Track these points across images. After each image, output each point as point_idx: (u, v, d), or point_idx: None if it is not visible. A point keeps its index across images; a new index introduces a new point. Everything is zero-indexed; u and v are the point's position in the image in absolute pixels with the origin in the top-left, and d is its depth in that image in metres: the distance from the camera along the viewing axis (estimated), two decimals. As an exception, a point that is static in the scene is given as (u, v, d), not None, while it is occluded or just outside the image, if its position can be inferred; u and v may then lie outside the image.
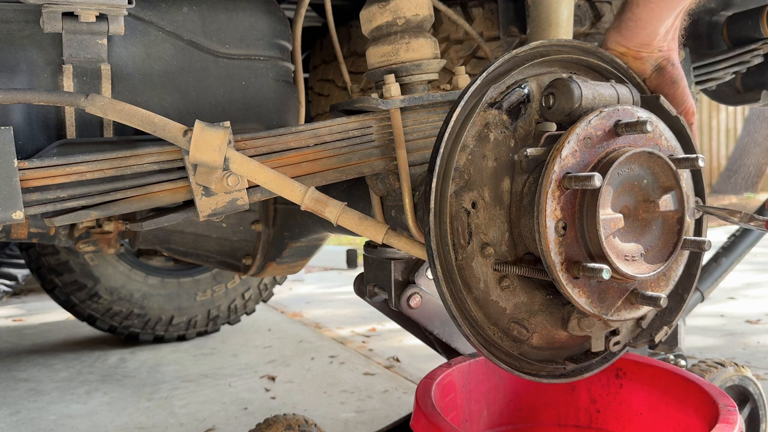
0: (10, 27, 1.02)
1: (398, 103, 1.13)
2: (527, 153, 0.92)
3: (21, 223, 1.79)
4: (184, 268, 3.02)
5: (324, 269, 5.48)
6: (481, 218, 0.95)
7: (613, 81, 1.03)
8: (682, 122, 1.04)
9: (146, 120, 1.00)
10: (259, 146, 1.08)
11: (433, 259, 0.93)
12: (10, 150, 0.92)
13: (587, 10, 1.61)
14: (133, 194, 1.03)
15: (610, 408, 1.38)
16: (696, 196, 1.06)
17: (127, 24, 1.10)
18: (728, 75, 1.83)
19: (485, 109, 0.95)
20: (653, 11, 1.00)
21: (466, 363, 1.35)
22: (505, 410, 1.41)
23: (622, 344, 1.05)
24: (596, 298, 0.92)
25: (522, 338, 0.98)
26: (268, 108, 1.25)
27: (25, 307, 4.05)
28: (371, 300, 1.41)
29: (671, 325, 1.06)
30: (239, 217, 1.92)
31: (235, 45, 1.21)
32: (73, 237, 2.19)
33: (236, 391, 2.48)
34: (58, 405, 2.38)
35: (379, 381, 2.55)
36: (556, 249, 0.88)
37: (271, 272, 1.98)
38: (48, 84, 1.04)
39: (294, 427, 1.55)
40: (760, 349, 2.86)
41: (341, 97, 1.90)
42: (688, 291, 1.09)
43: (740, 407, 1.70)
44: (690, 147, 1.04)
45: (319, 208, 1.06)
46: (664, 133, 0.98)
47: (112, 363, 2.87)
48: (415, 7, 1.16)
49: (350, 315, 3.76)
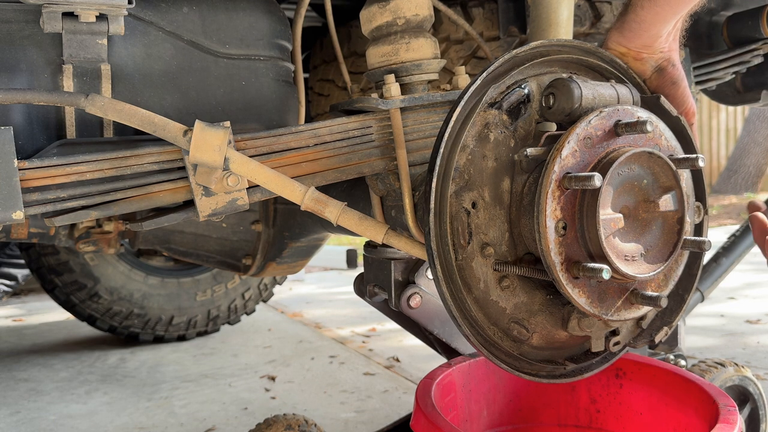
0: (10, 27, 1.02)
1: (398, 103, 1.13)
2: (527, 153, 0.92)
3: (21, 223, 1.79)
4: (184, 268, 3.02)
5: (324, 269, 5.48)
6: (481, 218, 0.95)
7: (613, 81, 1.02)
8: (683, 123, 1.04)
9: (146, 120, 1.00)
10: (259, 146, 1.08)
11: (433, 259, 0.93)
12: (10, 150, 0.92)
13: (587, 10, 1.61)
14: (133, 194, 1.03)
15: (610, 408, 1.38)
16: (697, 198, 1.06)
17: (127, 24, 1.10)
18: (728, 75, 1.83)
19: (485, 109, 0.95)
20: (657, 14, 0.99)
21: (466, 363, 1.35)
22: (505, 410, 1.41)
23: (622, 345, 1.05)
24: (596, 298, 0.92)
25: (522, 338, 0.98)
26: (268, 108, 1.25)
27: (25, 307, 4.05)
28: (371, 300, 1.41)
29: (671, 326, 1.06)
30: (239, 217, 1.92)
31: (235, 45, 1.21)
32: (73, 237, 2.19)
33: (236, 391, 2.48)
34: (58, 405, 2.38)
35: (379, 381, 2.55)
36: (556, 249, 0.88)
37: (271, 272, 1.98)
38: (48, 84, 1.03)
39: (294, 427, 1.55)
40: (760, 349, 2.86)
41: (341, 97, 1.90)
42: (688, 291, 1.09)
43: (740, 407, 1.70)
44: (691, 147, 1.04)
45: (319, 208, 1.06)
46: (664, 133, 0.98)
47: (112, 363, 2.87)
48: (415, 7, 1.16)
49: (350, 315, 3.76)
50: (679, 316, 1.07)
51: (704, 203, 1.07)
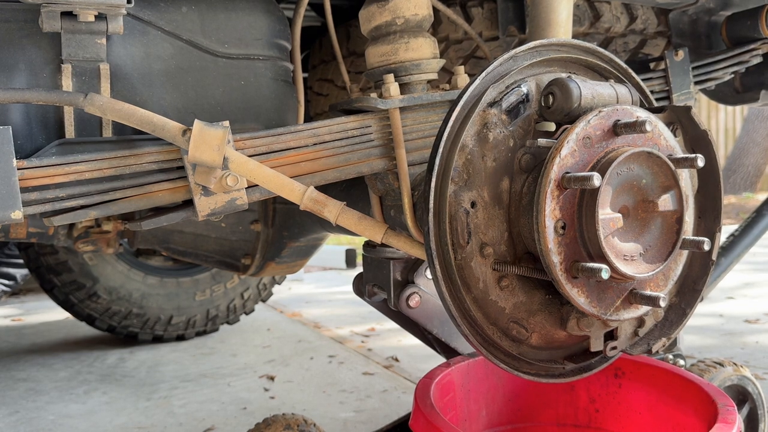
0: (9, 26, 1.02)
1: (397, 102, 1.13)
2: (538, 143, 0.92)
3: (20, 222, 1.79)
4: (183, 268, 3.02)
5: (323, 269, 5.48)
6: (481, 218, 0.95)
7: (612, 81, 1.03)
8: (710, 137, 1.03)
9: (145, 119, 1.00)
10: (258, 146, 1.08)
11: (433, 259, 0.93)
12: (9, 149, 0.92)
13: (586, 10, 1.61)
14: (132, 194, 1.03)
15: (609, 407, 1.38)
16: (713, 215, 1.04)
17: (126, 23, 1.10)
18: (727, 75, 1.82)
19: (484, 109, 0.95)
20: None
21: (465, 363, 1.35)
22: (504, 410, 1.41)
23: (619, 350, 1.05)
24: (595, 298, 0.92)
25: (521, 338, 0.98)
26: (267, 107, 1.25)
27: (24, 306, 4.05)
28: (370, 300, 1.41)
29: (670, 338, 1.06)
30: (238, 216, 1.92)
31: (234, 44, 1.21)
32: (72, 237, 2.18)
33: (235, 391, 2.48)
34: (57, 405, 2.38)
35: (378, 381, 2.55)
36: (555, 249, 0.88)
37: (270, 272, 1.98)
38: (47, 83, 1.03)
39: (293, 426, 1.55)
40: (759, 348, 2.87)
41: (340, 97, 1.90)
42: (691, 306, 1.08)
43: (739, 407, 1.70)
44: (714, 163, 1.03)
45: (318, 207, 1.06)
46: (663, 132, 0.98)
47: (111, 363, 2.87)
48: (415, 7, 1.16)
49: (349, 315, 3.76)
50: (679, 329, 1.07)
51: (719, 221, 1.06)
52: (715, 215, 1.06)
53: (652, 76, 1.68)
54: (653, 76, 1.68)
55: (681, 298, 1.07)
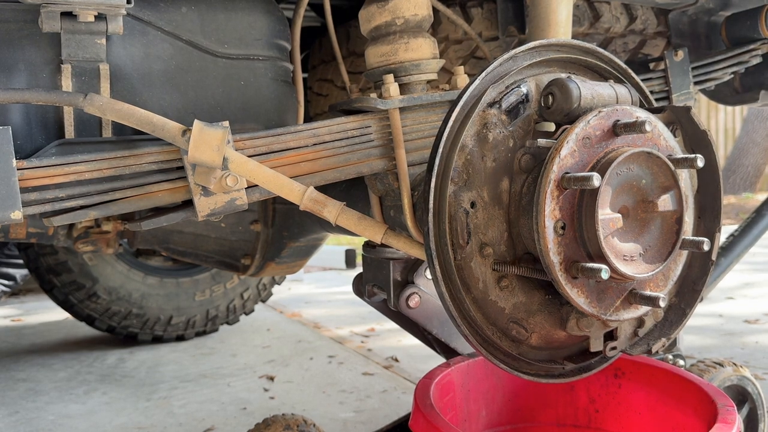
0: (9, 27, 1.02)
1: (397, 103, 1.13)
2: (538, 143, 0.92)
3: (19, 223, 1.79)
4: (182, 268, 3.02)
5: (323, 269, 5.48)
6: (480, 218, 0.95)
7: (612, 81, 1.03)
8: (710, 137, 1.03)
9: (145, 120, 1.00)
10: (257, 146, 1.08)
11: (432, 259, 0.93)
12: (9, 150, 0.92)
13: (586, 10, 1.61)
14: (132, 194, 1.03)
15: (608, 408, 1.38)
16: (713, 215, 1.04)
17: (126, 24, 1.10)
18: (727, 75, 1.82)
19: (484, 109, 0.95)
20: None
21: (464, 363, 1.35)
22: (504, 410, 1.41)
23: (619, 350, 1.05)
24: (595, 298, 0.93)
25: (521, 338, 0.98)
26: (266, 108, 1.25)
27: (24, 307, 4.05)
28: (370, 300, 1.41)
29: (670, 338, 1.06)
30: (238, 217, 1.92)
31: (234, 45, 1.21)
32: (72, 237, 2.18)
33: (235, 391, 2.48)
34: (57, 405, 2.37)
35: (378, 381, 2.55)
36: (554, 249, 0.88)
37: (269, 272, 1.98)
38: (47, 84, 1.03)
39: (293, 426, 1.55)
40: (759, 348, 2.87)
41: (340, 97, 1.90)
42: (690, 306, 1.08)
43: (739, 407, 1.70)
44: (714, 163, 1.03)
45: (318, 208, 1.06)
46: (663, 133, 0.98)
47: (111, 363, 2.87)
48: (414, 7, 1.16)
49: (349, 315, 3.76)
50: (678, 329, 1.07)
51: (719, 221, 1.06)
52: (714, 215, 1.06)
53: (652, 76, 1.68)
54: (653, 76, 1.68)
55: (681, 298, 1.08)
